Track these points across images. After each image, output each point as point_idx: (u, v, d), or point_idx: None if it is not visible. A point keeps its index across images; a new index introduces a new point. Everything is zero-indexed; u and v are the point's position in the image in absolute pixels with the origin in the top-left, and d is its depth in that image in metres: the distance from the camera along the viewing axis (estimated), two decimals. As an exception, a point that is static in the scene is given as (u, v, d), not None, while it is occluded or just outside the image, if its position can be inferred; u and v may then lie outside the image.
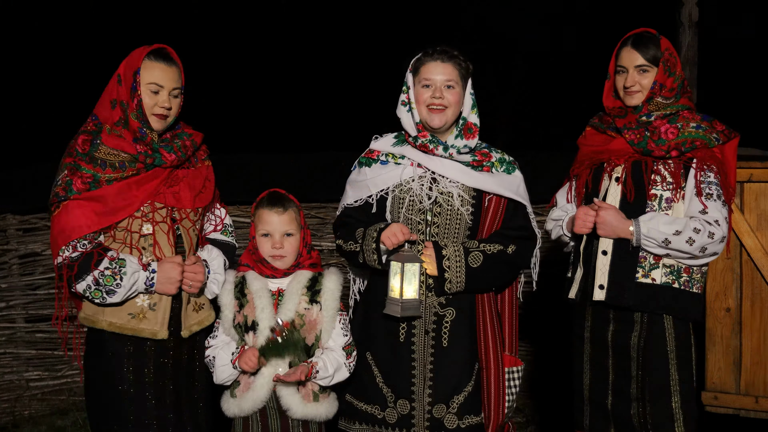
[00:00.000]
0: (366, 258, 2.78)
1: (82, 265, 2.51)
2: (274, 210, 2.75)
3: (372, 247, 2.74)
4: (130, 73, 2.59)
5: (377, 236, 2.72)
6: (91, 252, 2.52)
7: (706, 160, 2.77)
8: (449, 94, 2.77)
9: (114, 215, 2.56)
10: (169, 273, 2.58)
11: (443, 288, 2.73)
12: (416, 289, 2.67)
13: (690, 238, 2.68)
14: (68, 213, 2.53)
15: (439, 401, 2.75)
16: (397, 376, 2.77)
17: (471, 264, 2.72)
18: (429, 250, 2.73)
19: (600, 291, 2.79)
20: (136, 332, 2.59)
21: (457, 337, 2.76)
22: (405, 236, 2.69)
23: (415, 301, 2.68)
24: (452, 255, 2.72)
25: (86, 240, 2.53)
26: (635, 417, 2.78)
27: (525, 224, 2.87)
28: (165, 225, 2.64)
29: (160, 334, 2.61)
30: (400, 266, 2.66)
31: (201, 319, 2.75)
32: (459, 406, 2.75)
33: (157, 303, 2.62)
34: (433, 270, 2.72)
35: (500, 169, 2.85)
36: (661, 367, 2.76)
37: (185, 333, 2.68)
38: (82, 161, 2.56)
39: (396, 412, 2.77)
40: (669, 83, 2.81)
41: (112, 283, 2.51)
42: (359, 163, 2.96)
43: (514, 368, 2.90)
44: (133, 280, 2.54)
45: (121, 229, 2.60)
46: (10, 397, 4.88)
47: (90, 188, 2.54)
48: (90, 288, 2.52)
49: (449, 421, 2.74)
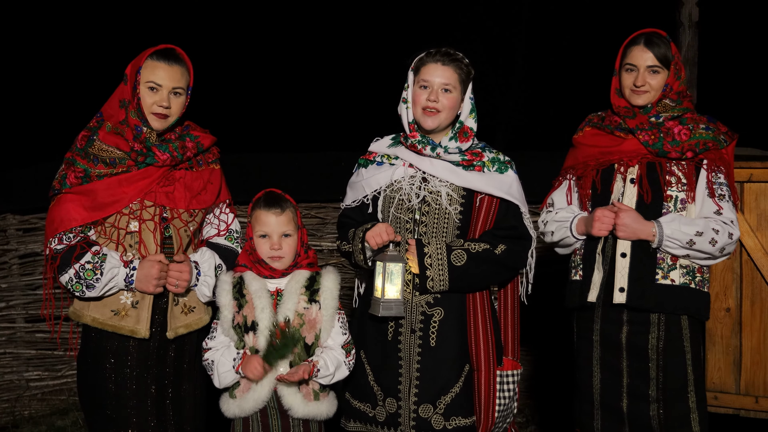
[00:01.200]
0: (355, 258, 2.82)
1: (65, 258, 2.56)
2: (272, 211, 2.74)
3: (359, 247, 2.78)
4: (134, 71, 2.62)
5: (363, 236, 2.76)
6: (75, 245, 2.56)
7: (717, 162, 2.78)
8: (445, 98, 2.76)
9: (102, 210, 2.59)
10: (148, 270, 2.59)
11: (425, 286, 2.73)
12: (399, 290, 2.68)
13: (713, 239, 2.70)
14: (60, 206, 2.61)
15: (425, 401, 2.74)
16: (385, 375, 2.78)
17: (454, 262, 2.72)
18: (412, 247, 2.74)
19: (620, 294, 2.77)
20: (116, 329, 2.62)
21: (445, 337, 2.76)
22: (389, 236, 2.71)
23: (397, 302, 2.69)
24: (434, 253, 2.72)
25: (72, 233, 2.58)
26: (654, 418, 2.77)
27: (516, 224, 2.84)
28: (152, 223, 2.65)
29: (140, 333, 2.62)
30: (383, 266, 2.68)
31: (189, 322, 2.74)
32: (446, 407, 2.74)
33: (139, 301, 2.63)
34: (415, 267, 2.73)
35: (492, 169, 2.84)
36: (680, 368, 2.76)
37: (170, 334, 2.69)
38: (78, 156, 2.62)
39: (384, 411, 2.78)
40: (676, 87, 2.82)
41: (92, 277, 2.55)
42: (358, 165, 2.99)
43: (509, 372, 2.87)
44: (111, 275, 2.57)
45: (109, 224, 2.63)
46: (10, 397, 4.88)
47: (81, 182, 2.59)
48: (72, 281, 2.57)
49: (436, 421, 2.73)
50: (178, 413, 2.74)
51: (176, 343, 2.73)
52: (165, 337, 2.68)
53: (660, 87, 2.81)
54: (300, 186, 4.62)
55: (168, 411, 2.71)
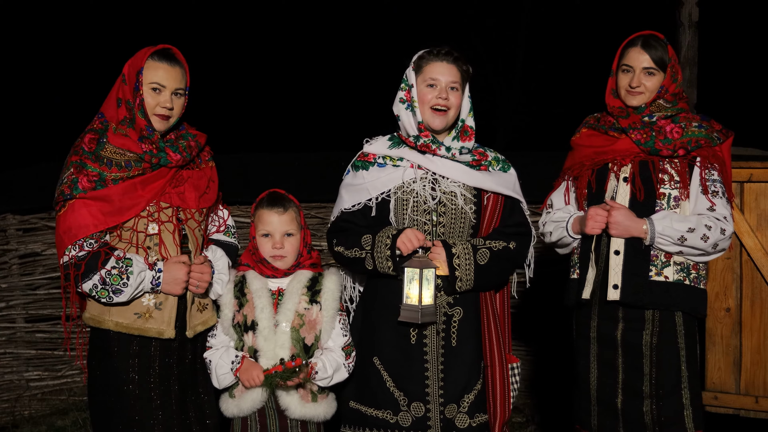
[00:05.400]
0: (378, 265, 2.73)
1: (89, 264, 2.49)
2: (275, 210, 2.75)
3: (386, 254, 2.70)
4: (134, 72, 2.59)
5: (392, 243, 2.69)
6: (98, 251, 2.50)
7: (710, 159, 2.81)
8: (453, 96, 2.76)
9: (121, 215, 2.55)
10: (176, 273, 2.57)
11: (454, 287, 2.72)
12: (432, 295, 2.66)
13: (704, 235, 2.72)
14: (74, 212, 2.52)
15: (450, 401, 2.73)
16: (410, 380, 2.74)
17: (479, 261, 2.72)
18: (438, 248, 2.71)
19: (614, 291, 2.80)
20: (143, 332, 2.58)
21: (465, 336, 2.76)
22: (420, 242, 2.67)
23: (432, 307, 2.67)
24: (462, 253, 2.71)
25: (93, 239, 2.52)
26: (647, 414, 2.79)
27: (522, 220, 2.89)
28: (171, 225, 2.63)
29: (166, 333, 2.60)
30: (418, 272, 2.63)
31: (205, 320, 2.74)
32: (469, 405, 2.75)
33: (163, 302, 2.61)
34: (444, 270, 2.70)
35: (497, 168, 2.86)
36: (673, 364, 2.78)
37: (190, 333, 2.68)
38: (88, 159, 2.55)
39: (410, 416, 2.74)
40: (672, 89, 2.84)
41: (119, 282, 2.50)
42: (354, 167, 2.91)
43: (514, 365, 2.91)
44: (140, 279, 2.53)
45: (127, 228, 2.59)
46: (10, 397, 4.88)
47: (96, 187, 2.52)
48: (96, 287, 2.50)
49: (460, 420, 2.73)
50: (200, 410, 2.74)
51: (193, 342, 2.72)
52: (185, 336, 2.67)
53: (655, 89, 2.84)
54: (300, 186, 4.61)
55: (190, 409, 2.71)
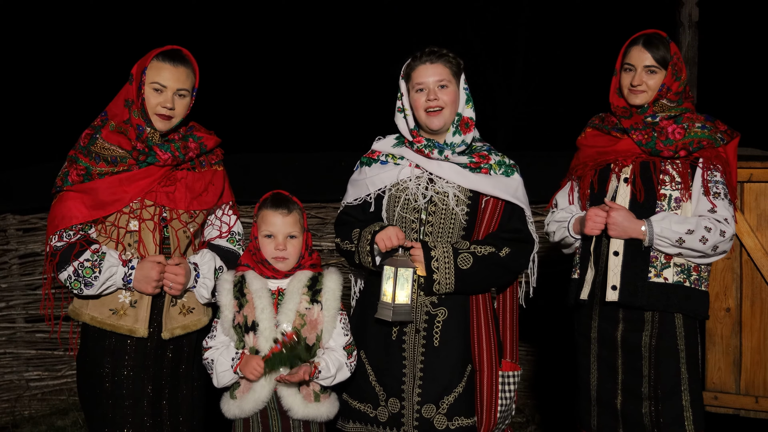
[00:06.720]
0: (361, 259, 2.80)
1: (64, 255, 2.56)
2: (279, 211, 2.74)
3: (366, 249, 2.76)
4: (139, 72, 2.63)
5: (371, 238, 2.74)
6: (74, 243, 2.57)
7: (713, 160, 2.80)
8: (444, 94, 2.77)
9: (103, 209, 2.60)
10: (147, 272, 2.58)
11: (431, 288, 2.73)
12: (408, 295, 2.67)
13: (703, 237, 2.70)
14: (61, 203, 2.62)
15: (428, 401, 2.74)
16: (389, 375, 2.77)
17: (460, 265, 2.71)
18: (417, 250, 2.73)
19: (613, 292, 2.79)
20: (115, 328, 2.62)
21: (448, 337, 2.76)
22: (399, 241, 2.69)
23: (407, 306, 2.68)
24: (441, 256, 2.71)
25: (72, 231, 2.59)
26: (647, 416, 2.78)
27: (521, 227, 2.86)
28: (151, 223, 2.65)
29: (138, 332, 2.62)
30: (393, 271, 2.66)
31: (187, 324, 2.73)
32: (449, 407, 2.74)
33: (138, 301, 2.64)
34: (422, 270, 2.72)
35: (499, 172, 2.84)
36: (672, 366, 2.78)
37: (166, 335, 2.68)
38: (80, 154, 2.63)
39: (387, 411, 2.77)
40: (675, 87, 2.83)
41: (91, 275, 2.56)
42: (360, 163, 2.98)
43: (510, 373, 2.88)
44: (109, 274, 2.57)
45: (110, 223, 2.63)
46: (10, 397, 4.88)
47: (83, 180, 2.60)
48: (70, 278, 2.57)
49: (438, 421, 2.73)
50: (175, 414, 2.74)
51: (174, 343, 2.72)
52: (161, 339, 2.68)
53: (657, 87, 2.83)
54: (300, 186, 4.62)
55: (164, 412, 2.70)
